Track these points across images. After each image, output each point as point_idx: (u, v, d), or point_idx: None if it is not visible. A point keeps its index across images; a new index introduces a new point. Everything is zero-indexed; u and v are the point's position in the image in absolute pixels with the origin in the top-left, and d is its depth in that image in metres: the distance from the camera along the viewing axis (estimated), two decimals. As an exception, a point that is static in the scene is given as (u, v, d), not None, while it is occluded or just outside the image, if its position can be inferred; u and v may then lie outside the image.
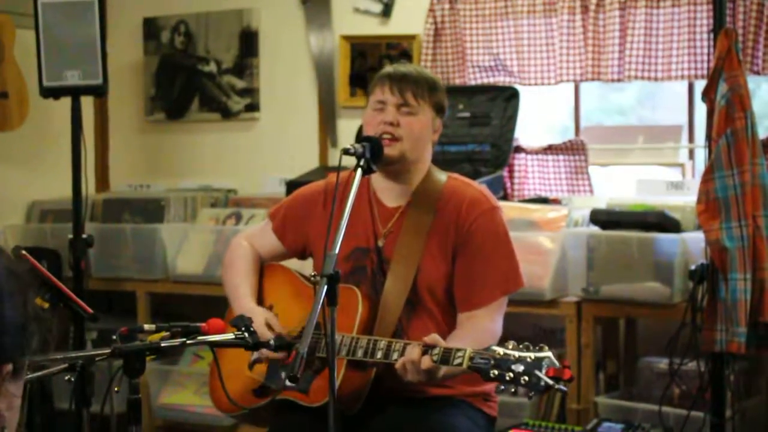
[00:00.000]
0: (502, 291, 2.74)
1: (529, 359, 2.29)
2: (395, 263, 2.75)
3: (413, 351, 2.46)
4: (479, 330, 2.67)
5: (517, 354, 2.31)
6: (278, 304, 2.89)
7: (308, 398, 2.67)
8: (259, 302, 2.90)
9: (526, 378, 2.27)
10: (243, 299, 2.87)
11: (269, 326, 2.75)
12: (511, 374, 2.29)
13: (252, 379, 2.82)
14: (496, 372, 2.31)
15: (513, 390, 2.30)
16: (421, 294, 2.73)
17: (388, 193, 2.82)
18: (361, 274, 2.79)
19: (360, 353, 2.58)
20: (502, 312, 2.75)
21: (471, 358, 2.36)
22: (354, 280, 2.75)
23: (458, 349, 2.41)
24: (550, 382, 2.24)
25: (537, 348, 2.31)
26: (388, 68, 2.81)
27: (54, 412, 4.74)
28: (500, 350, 2.33)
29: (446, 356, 2.42)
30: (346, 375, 2.62)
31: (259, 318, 2.74)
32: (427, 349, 2.45)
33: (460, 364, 2.38)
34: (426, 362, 2.44)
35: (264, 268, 2.99)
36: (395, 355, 2.52)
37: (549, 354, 2.30)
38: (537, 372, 2.27)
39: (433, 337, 2.48)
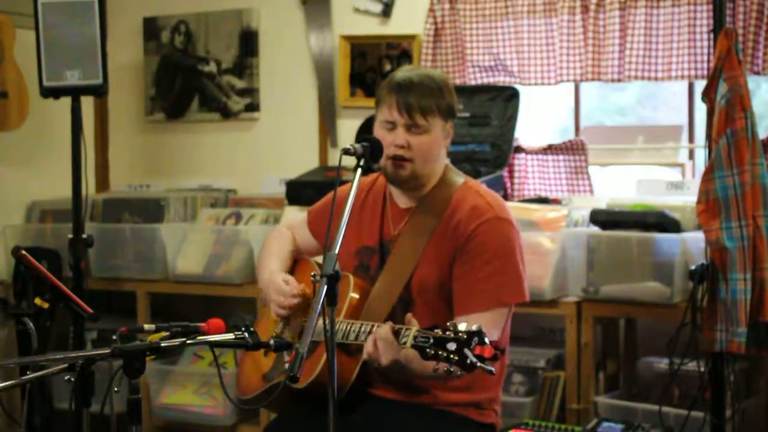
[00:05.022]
0: (498, 302, 2.69)
1: (462, 338, 2.30)
2: (392, 261, 2.77)
3: (385, 327, 2.50)
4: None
5: (453, 333, 2.32)
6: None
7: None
8: None
9: (456, 356, 2.29)
10: (267, 267, 2.95)
11: (287, 283, 2.83)
12: (445, 353, 2.31)
13: (264, 365, 2.88)
14: (432, 351, 2.33)
15: (446, 369, 2.30)
16: (413, 294, 2.75)
17: (401, 194, 2.84)
18: (365, 271, 2.83)
19: (339, 335, 2.63)
20: (498, 322, 2.70)
21: (415, 337, 2.39)
22: (358, 277, 2.80)
23: (407, 328, 2.44)
24: (474, 359, 2.27)
25: (475, 327, 2.32)
26: (394, 80, 2.73)
27: (54, 412, 4.75)
28: (440, 330, 2.35)
29: (398, 331, 2.45)
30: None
31: (278, 277, 2.85)
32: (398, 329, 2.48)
33: (405, 343, 2.41)
34: (384, 328, 2.47)
35: (296, 260, 3.06)
36: (363, 337, 2.58)
37: (480, 332, 2.30)
38: (466, 350, 2.29)
39: (407, 317, 2.50)
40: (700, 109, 4.35)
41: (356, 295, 2.75)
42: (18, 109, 4.71)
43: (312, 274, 2.53)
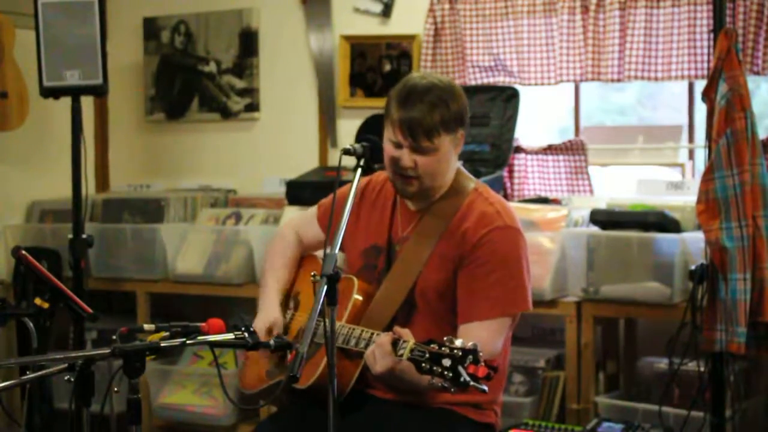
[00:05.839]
0: (501, 310, 2.68)
1: (456, 355, 2.32)
2: (398, 265, 2.77)
3: (384, 337, 2.52)
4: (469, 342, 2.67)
5: (448, 349, 2.34)
6: (303, 293, 2.95)
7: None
8: (290, 290, 2.97)
9: (450, 373, 2.31)
10: (266, 294, 2.94)
11: (269, 331, 2.81)
12: (439, 368, 2.33)
13: (268, 361, 2.87)
14: (428, 366, 2.35)
15: (440, 384, 2.33)
16: (416, 299, 2.75)
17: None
18: (370, 271, 2.83)
19: (340, 340, 2.63)
20: (501, 331, 2.70)
21: (411, 350, 2.41)
22: (363, 277, 2.80)
23: (405, 340, 2.45)
24: (468, 378, 2.29)
25: (470, 345, 2.33)
26: (400, 91, 2.68)
27: (54, 412, 4.75)
28: (437, 345, 2.37)
29: (396, 342, 2.46)
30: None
31: (265, 320, 2.83)
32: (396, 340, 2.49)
33: (402, 356, 2.43)
34: (384, 338, 2.49)
35: (303, 257, 3.04)
36: (362, 344, 2.59)
37: (475, 351, 2.31)
38: (459, 368, 2.31)
39: (402, 330, 2.52)
40: (700, 109, 4.35)
41: (360, 297, 2.75)
42: (18, 109, 4.71)
43: (312, 273, 2.53)
